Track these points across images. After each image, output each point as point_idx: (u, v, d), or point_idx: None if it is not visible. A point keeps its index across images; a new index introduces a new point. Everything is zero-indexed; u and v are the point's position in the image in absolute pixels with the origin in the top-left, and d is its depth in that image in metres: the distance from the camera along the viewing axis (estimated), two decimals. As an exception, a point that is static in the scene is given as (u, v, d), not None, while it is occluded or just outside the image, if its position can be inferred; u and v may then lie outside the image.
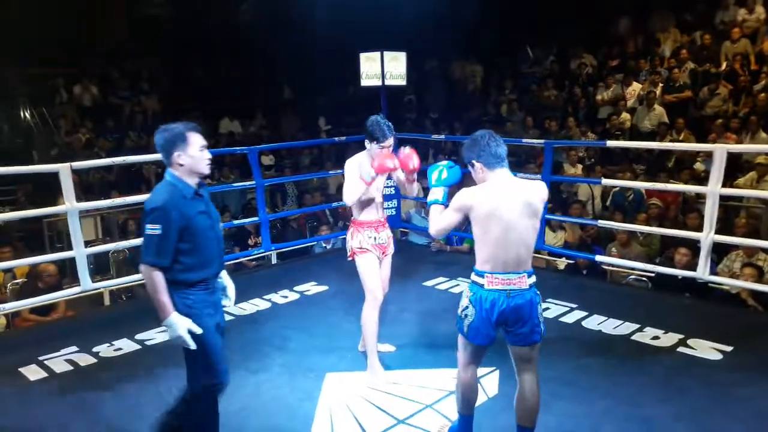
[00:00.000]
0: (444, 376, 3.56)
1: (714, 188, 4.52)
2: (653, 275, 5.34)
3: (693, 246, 4.96)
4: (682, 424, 3.05)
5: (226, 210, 8.07)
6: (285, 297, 5.00)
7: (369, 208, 3.56)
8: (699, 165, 7.45)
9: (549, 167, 5.54)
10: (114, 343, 4.12)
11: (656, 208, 6.58)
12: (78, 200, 4.66)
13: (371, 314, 3.52)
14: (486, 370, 3.50)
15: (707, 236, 4.55)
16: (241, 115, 11.99)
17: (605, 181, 6.06)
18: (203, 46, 12.85)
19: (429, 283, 5.27)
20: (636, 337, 4.09)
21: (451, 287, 5.16)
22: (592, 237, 6.69)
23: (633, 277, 5.63)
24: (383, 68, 6.06)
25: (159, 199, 2.47)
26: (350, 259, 3.61)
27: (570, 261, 6.03)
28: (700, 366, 3.68)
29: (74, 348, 4.07)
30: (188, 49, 12.97)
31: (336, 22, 9.82)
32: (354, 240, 3.56)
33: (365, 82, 6.25)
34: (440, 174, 2.85)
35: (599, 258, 5.50)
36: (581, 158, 8.49)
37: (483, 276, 2.60)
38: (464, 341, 2.71)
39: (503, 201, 2.55)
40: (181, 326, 2.49)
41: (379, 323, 3.60)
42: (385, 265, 3.69)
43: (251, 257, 6.41)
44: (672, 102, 8.89)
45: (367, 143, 3.47)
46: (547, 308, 4.51)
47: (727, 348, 3.86)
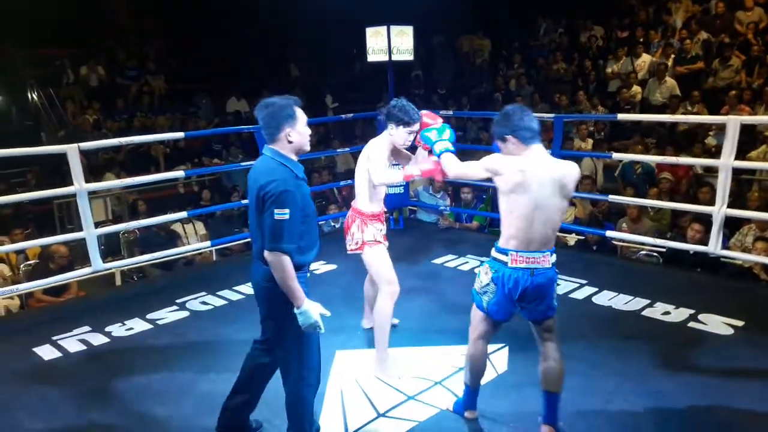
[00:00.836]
0: (453, 353, 3.57)
1: (727, 161, 4.45)
2: (664, 250, 5.31)
3: (706, 221, 4.91)
4: (693, 400, 3.04)
5: (236, 190, 8.07)
6: (294, 276, 5.00)
7: (378, 200, 3.48)
8: (710, 139, 7.35)
9: (559, 142, 5.47)
10: (126, 323, 4.16)
11: (667, 183, 6.51)
12: (87, 181, 4.67)
13: (389, 306, 3.39)
14: (495, 347, 3.51)
15: (719, 210, 4.50)
16: (248, 94, 11.94)
17: (616, 155, 5.99)
18: (210, 26, 12.75)
19: (438, 261, 5.27)
20: (646, 313, 4.08)
21: (460, 265, 5.16)
22: (603, 212, 6.63)
23: (643, 253, 5.60)
24: (390, 43, 5.99)
25: (284, 181, 2.36)
26: (357, 252, 3.46)
27: (580, 237, 6.00)
28: (711, 341, 3.67)
29: (87, 328, 4.11)
30: (195, 29, 12.89)
31: (342, -1, 9.69)
32: (366, 233, 3.41)
33: (372, 58, 6.18)
34: (440, 131, 2.98)
35: (610, 233, 5.46)
36: (591, 132, 8.40)
37: (507, 254, 2.57)
38: (481, 316, 2.74)
39: (535, 177, 2.50)
40: (315, 312, 2.43)
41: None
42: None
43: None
44: (683, 74, 8.74)
45: (392, 127, 3.32)
46: (558, 284, 4.48)
47: (739, 323, 3.84)
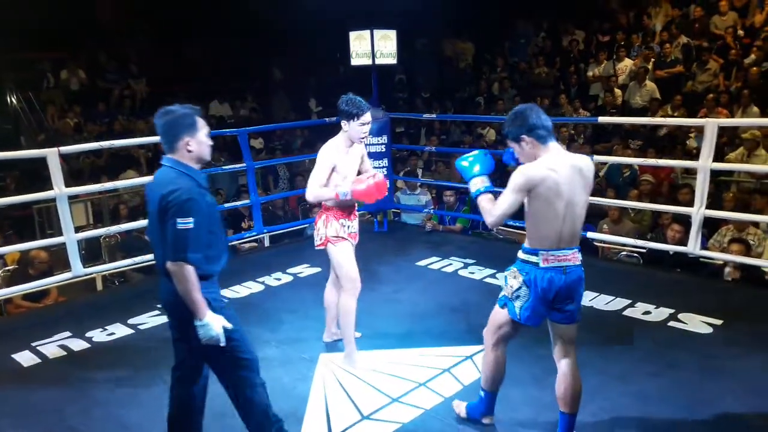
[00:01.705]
0: (437, 355, 3.59)
1: (705, 163, 4.52)
2: (644, 251, 5.37)
3: (685, 222, 4.98)
4: (674, 399, 3.08)
5: (219, 193, 8.03)
6: (278, 279, 5.00)
7: None
8: (691, 141, 7.45)
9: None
10: (107, 328, 4.12)
11: (648, 185, 6.59)
12: (67, 185, 4.63)
13: (352, 303, 3.42)
14: (476, 348, 3.52)
15: (698, 211, 4.57)
16: (231, 98, 11.90)
17: (597, 158, 6.04)
18: (192, 29, 12.68)
19: (422, 263, 5.28)
20: (627, 313, 4.13)
21: (444, 266, 5.18)
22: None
23: (624, 254, 5.66)
24: (373, 47, 6.00)
25: (188, 190, 2.32)
26: (321, 248, 3.46)
27: (562, 238, 6.03)
28: (691, 340, 3.72)
29: (67, 333, 4.07)
30: (177, 32, 12.80)
31: (325, 1, 9.69)
32: (329, 228, 3.40)
33: (355, 61, 6.19)
34: (474, 161, 2.71)
35: (591, 235, 5.52)
36: (571, 136, 8.48)
37: (537, 254, 2.51)
38: (506, 322, 2.65)
39: (563, 175, 2.45)
40: (217, 324, 2.38)
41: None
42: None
43: (244, 240, 6.40)
44: (663, 77, 8.86)
45: (345, 124, 3.32)
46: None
47: (717, 322, 3.90)
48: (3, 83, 10.99)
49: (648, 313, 4.09)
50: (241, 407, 2.61)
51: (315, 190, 3.33)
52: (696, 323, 3.91)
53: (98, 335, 4.03)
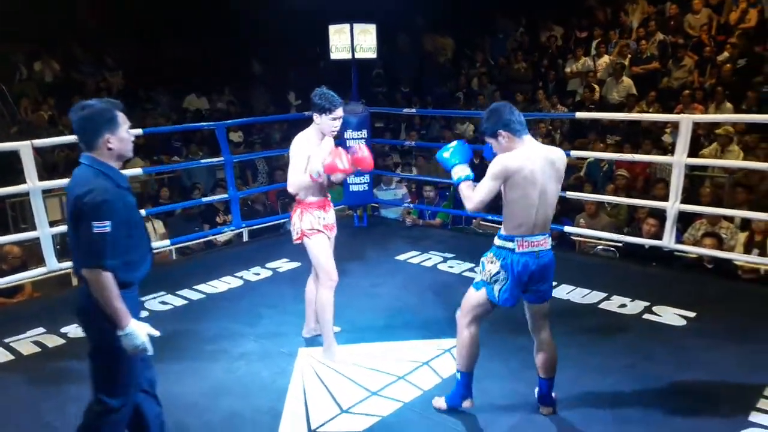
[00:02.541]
0: (416, 349, 3.60)
1: (680, 158, 4.59)
2: (620, 245, 5.45)
3: (661, 216, 5.06)
4: (649, 390, 3.13)
5: (196, 188, 7.95)
6: (257, 274, 4.97)
7: (317, 189, 3.43)
8: (667, 137, 7.56)
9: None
10: (83, 324, 4.06)
11: (623, 179, 6.68)
12: (41, 179, 4.55)
13: (329, 296, 3.43)
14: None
15: (673, 206, 4.64)
16: (209, 91, 11.77)
17: (574, 153, 6.11)
18: (169, 21, 12.50)
19: (402, 257, 5.30)
20: (603, 306, 4.18)
21: (423, 261, 5.20)
22: (562, 208, 6.77)
23: (601, 248, 5.74)
24: (353, 41, 5.99)
25: (102, 191, 2.16)
26: (298, 242, 3.46)
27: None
28: (665, 332, 3.79)
29: (41, 329, 4.01)
30: (154, 24, 12.61)
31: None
32: (304, 221, 3.40)
33: (335, 55, 6.17)
34: (455, 151, 2.87)
35: (568, 229, 5.58)
36: (549, 131, 8.55)
37: (513, 240, 2.68)
38: (481, 303, 2.80)
39: (537, 166, 2.62)
40: (143, 333, 2.24)
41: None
42: (331, 246, 3.57)
43: (222, 234, 6.35)
44: (640, 74, 8.98)
45: (317, 117, 3.33)
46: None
47: (691, 314, 3.97)
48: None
49: (624, 306, 4.15)
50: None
51: (295, 180, 3.33)
52: (670, 316, 3.98)
53: (73, 331, 3.97)
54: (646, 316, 4.00)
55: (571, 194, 5.71)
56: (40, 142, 4.54)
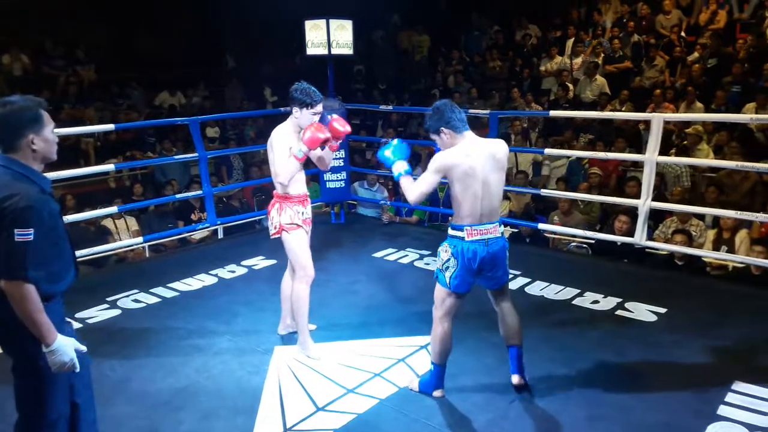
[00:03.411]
0: (392, 346, 3.61)
1: (651, 156, 4.67)
2: (593, 242, 5.52)
3: (633, 213, 5.14)
4: (620, 385, 3.18)
5: (171, 184, 7.86)
6: (232, 272, 4.93)
7: (297, 182, 3.43)
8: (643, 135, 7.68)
9: (495, 137, 5.59)
10: (53, 323, 3.99)
11: (597, 177, 6.78)
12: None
13: (305, 291, 3.44)
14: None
15: (644, 203, 4.72)
16: (183, 86, 11.62)
17: (548, 151, 6.19)
18: (143, 13, 12.30)
19: (378, 255, 5.30)
20: (577, 302, 4.24)
21: (400, 258, 5.21)
22: (537, 207, 6.85)
23: (574, 245, 5.82)
24: (329, 37, 5.96)
25: (26, 196, 1.99)
26: (276, 236, 3.45)
27: (514, 229, 6.16)
28: (637, 328, 3.85)
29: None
30: (127, 17, 12.39)
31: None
32: (283, 216, 3.39)
33: (311, 51, 6.14)
34: (395, 150, 3.05)
35: (542, 226, 5.65)
36: (525, 129, 8.62)
37: (462, 229, 2.85)
38: (444, 294, 2.95)
39: (477, 159, 2.79)
40: (70, 348, 2.09)
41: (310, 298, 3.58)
42: (308, 241, 3.56)
43: (196, 231, 6.29)
44: (613, 72, 9.10)
45: (296, 111, 3.33)
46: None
47: (662, 310, 4.05)
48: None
49: (596, 303, 4.21)
50: None
51: (283, 169, 3.31)
52: (642, 312, 4.05)
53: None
54: (619, 312, 4.06)
55: (546, 192, 5.78)
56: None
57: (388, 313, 4.08)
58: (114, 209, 5.49)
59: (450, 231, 2.92)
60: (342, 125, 3.45)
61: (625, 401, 3.04)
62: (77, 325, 3.95)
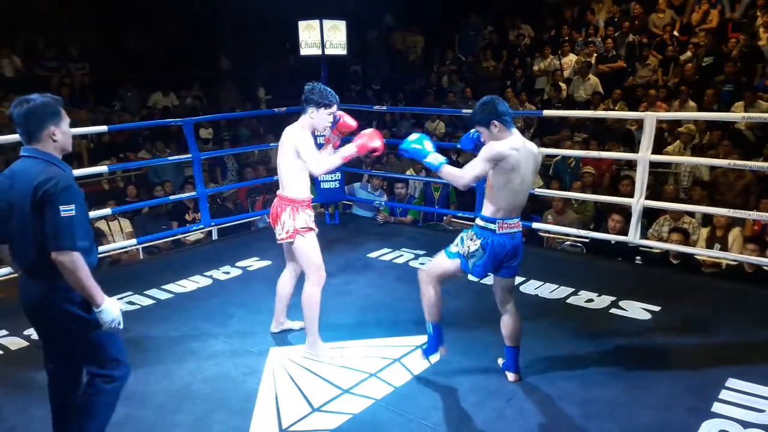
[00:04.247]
0: (388, 346, 3.61)
1: (644, 155, 4.69)
2: (587, 241, 5.54)
3: (626, 212, 5.16)
4: (614, 383, 3.20)
5: (163, 185, 7.82)
6: (227, 273, 4.92)
7: (306, 186, 3.44)
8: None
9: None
10: (47, 326, 3.97)
11: (590, 176, 6.80)
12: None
13: (318, 294, 3.44)
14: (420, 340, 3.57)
15: (638, 202, 4.74)
16: (177, 86, 11.58)
17: (542, 150, 6.18)
18: (136, 15, 12.26)
19: (373, 255, 5.30)
20: (571, 300, 4.25)
21: (395, 258, 5.21)
22: (531, 206, 6.85)
23: (568, 243, 5.83)
24: (323, 37, 5.96)
25: (64, 177, 2.25)
26: (286, 241, 3.44)
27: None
28: (631, 326, 3.87)
29: (4, 332, 3.91)
30: (120, 18, 12.35)
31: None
32: (297, 220, 3.38)
33: (304, 51, 6.13)
34: (423, 143, 3.06)
35: (536, 225, 5.66)
36: (520, 129, 8.63)
37: (495, 222, 2.96)
38: (455, 270, 3.08)
39: (522, 156, 2.89)
40: (116, 307, 2.36)
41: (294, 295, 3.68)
42: None
43: (190, 233, 6.27)
44: (606, 72, 9.13)
45: (312, 111, 3.31)
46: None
47: (656, 308, 4.06)
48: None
49: (591, 301, 4.22)
50: (68, 411, 2.50)
51: (322, 163, 3.30)
52: (636, 310, 4.06)
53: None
54: (613, 311, 4.08)
55: (540, 191, 5.79)
56: (2, 139, 4.41)
57: (383, 314, 4.08)
58: (108, 211, 5.47)
59: (479, 222, 3.00)
60: (351, 121, 3.51)
61: (620, 399, 3.05)
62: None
